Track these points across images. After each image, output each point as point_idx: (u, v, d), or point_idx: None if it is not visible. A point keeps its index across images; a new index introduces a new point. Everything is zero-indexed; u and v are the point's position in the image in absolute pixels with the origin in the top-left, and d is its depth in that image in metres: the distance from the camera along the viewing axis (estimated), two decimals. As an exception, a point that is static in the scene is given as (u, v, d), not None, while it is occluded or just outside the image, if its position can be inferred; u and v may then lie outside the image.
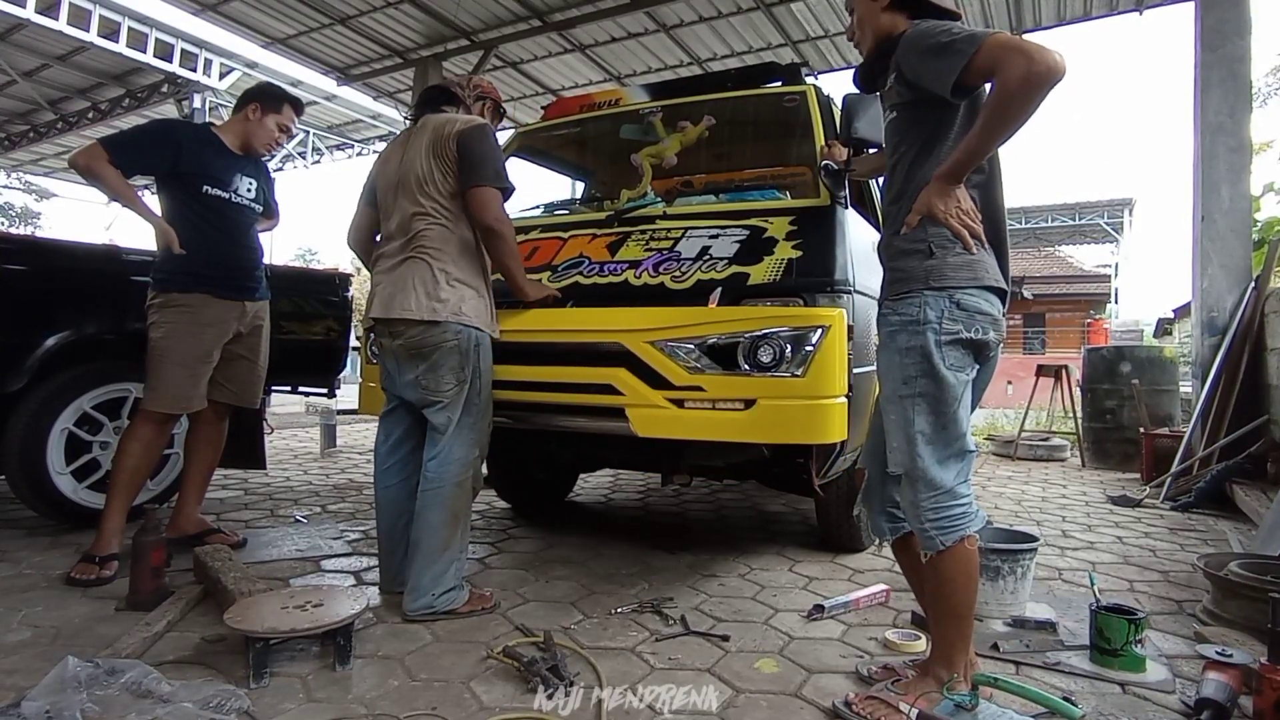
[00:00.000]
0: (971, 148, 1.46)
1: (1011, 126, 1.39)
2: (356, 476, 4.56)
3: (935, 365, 1.53)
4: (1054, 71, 1.31)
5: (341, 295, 3.82)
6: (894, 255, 1.63)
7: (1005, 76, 1.34)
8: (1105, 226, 22.88)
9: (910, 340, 1.56)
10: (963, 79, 1.41)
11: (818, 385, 2.03)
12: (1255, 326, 4.47)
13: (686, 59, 7.25)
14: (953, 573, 1.55)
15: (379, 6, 6.46)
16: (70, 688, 1.45)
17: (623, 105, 3.23)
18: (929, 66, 1.48)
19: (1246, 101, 4.76)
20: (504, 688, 1.67)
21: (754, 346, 2.07)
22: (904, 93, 1.59)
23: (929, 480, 1.54)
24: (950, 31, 1.46)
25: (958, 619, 1.57)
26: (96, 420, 2.91)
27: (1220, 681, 1.58)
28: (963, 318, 1.53)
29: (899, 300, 1.60)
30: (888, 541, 1.80)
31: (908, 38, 1.55)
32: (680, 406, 2.13)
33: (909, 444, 1.56)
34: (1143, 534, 3.47)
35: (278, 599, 1.87)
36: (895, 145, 1.67)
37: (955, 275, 1.54)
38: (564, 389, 2.30)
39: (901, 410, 1.57)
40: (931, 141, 1.59)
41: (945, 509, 1.54)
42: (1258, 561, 2.26)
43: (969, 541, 1.55)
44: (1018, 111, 1.36)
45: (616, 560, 2.76)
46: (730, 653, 1.91)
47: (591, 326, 2.28)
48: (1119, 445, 5.76)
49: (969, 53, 1.39)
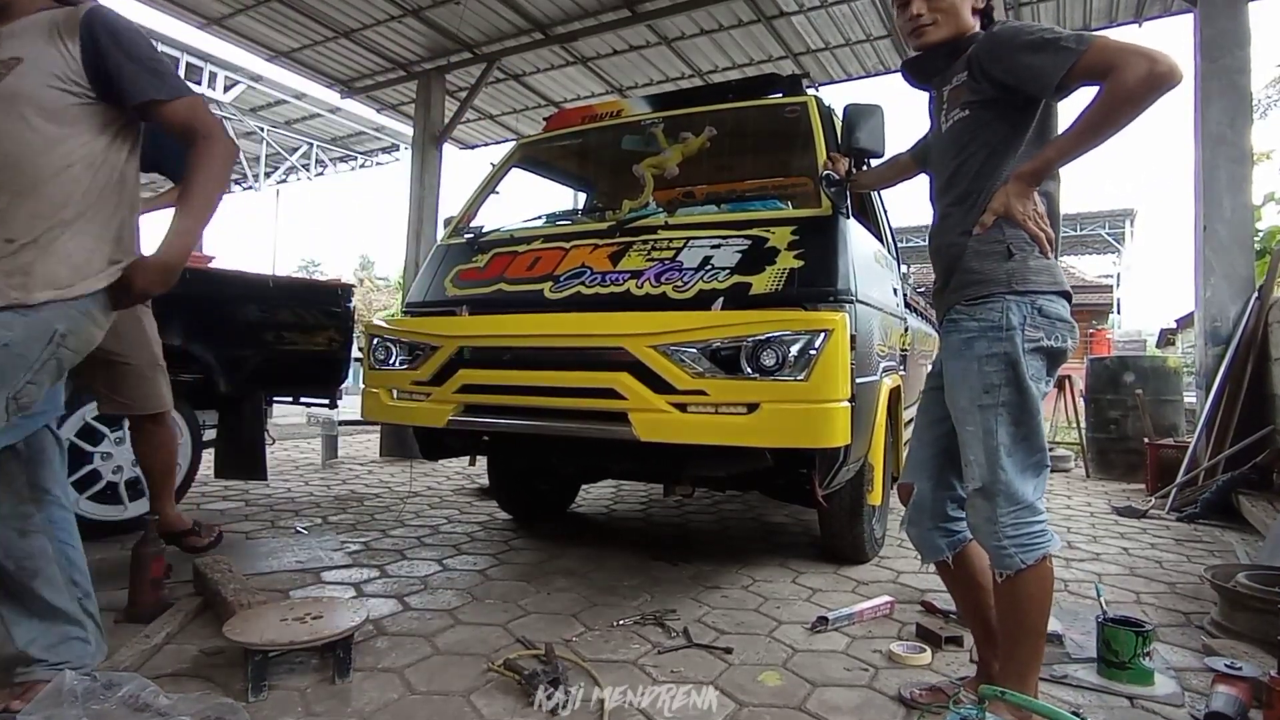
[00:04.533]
0: (1066, 147, 1.41)
1: (1117, 127, 1.35)
2: (358, 488, 4.54)
3: (1021, 374, 1.47)
4: (1174, 74, 1.29)
5: (344, 306, 3.83)
6: (968, 256, 1.54)
7: (1125, 76, 1.30)
8: (1107, 237, 22.94)
9: (992, 347, 1.49)
10: (1067, 78, 1.37)
11: (821, 389, 2.03)
12: (1259, 336, 4.46)
13: (688, 71, 7.29)
14: (1033, 591, 1.47)
15: (382, 20, 6.50)
16: (67, 701, 1.44)
17: (624, 117, 3.25)
18: (1028, 62, 1.42)
19: (1247, 112, 4.77)
20: (504, 701, 1.65)
21: (757, 350, 2.07)
22: (985, 90, 1.52)
23: (1011, 494, 1.47)
24: (1053, 30, 1.42)
25: (1035, 638, 1.51)
26: (97, 431, 2.90)
27: (1230, 695, 1.57)
28: (1044, 324, 1.49)
29: (976, 304, 1.52)
30: (946, 559, 1.68)
31: (999, 34, 1.50)
32: (683, 411, 2.12)
33: (990, 457, 1.48)
34: (1149, 545, 3.44)
35: (277, 611, 1.86)
36: (963, 145, 1.58)
37: (1037, 280, 1.49)
38: (566, 393, 2.30)
39: (982, 421, 1.49)
40: (1005, 145, 1.53)
41: (1026, 525, 1.47)
42: (1265, 573, 2.24)
43: (1049, 560, 1.49)
44: (1129, 112, 1.33)
45: (618, 572, 2.74)
46: (733, 665, 1.89)
47: (594, 331, 2.28)
48: (1123, 456, 5.74)
49: (1080, 50, 1.35)
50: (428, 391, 2.52)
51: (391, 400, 2.62)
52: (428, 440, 2.86)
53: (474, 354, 2.48)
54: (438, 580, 2.60)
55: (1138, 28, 6.05)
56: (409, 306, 2.91)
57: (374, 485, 4.66)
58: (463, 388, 2.45)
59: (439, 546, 3.09)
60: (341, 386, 3.94)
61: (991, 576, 1.54)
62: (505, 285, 2.68)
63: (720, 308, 2.24)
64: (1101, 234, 22.74)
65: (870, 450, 2.56)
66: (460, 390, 2.45)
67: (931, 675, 1.86)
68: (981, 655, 1.71)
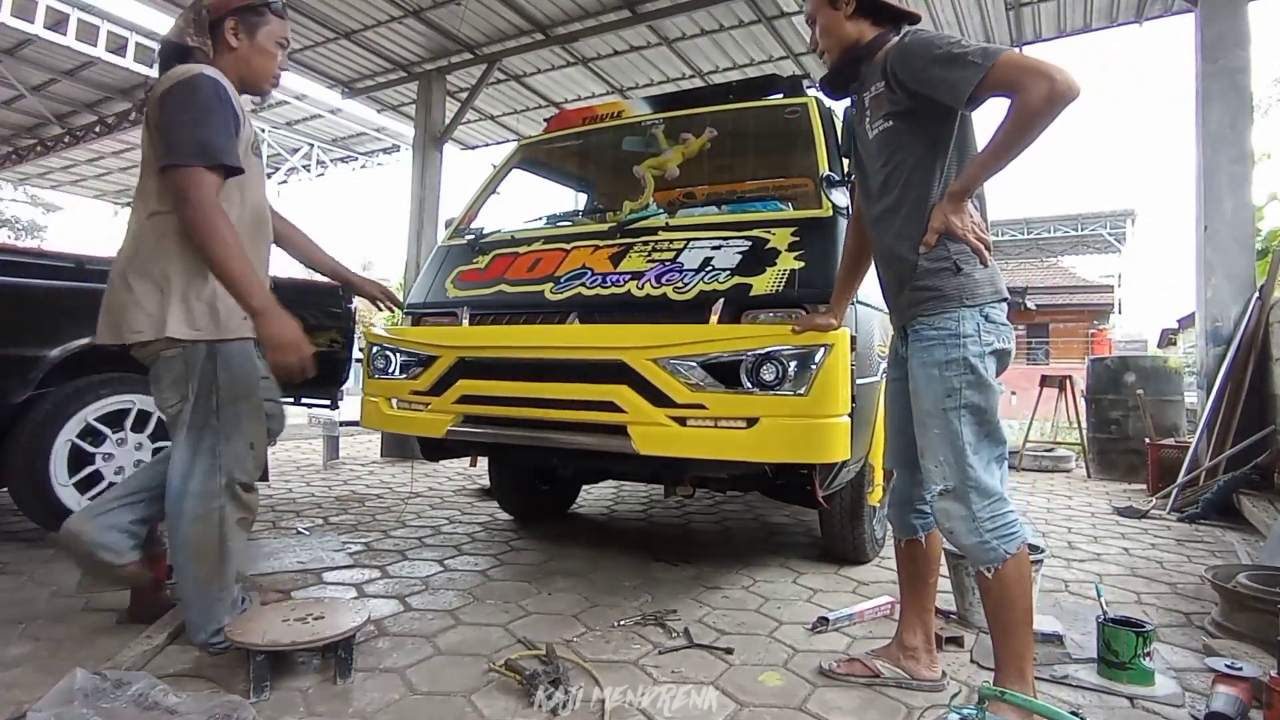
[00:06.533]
0: (988, 163, 1.50)
1: (1027, 143, 1.44)
2: (359, 488, 4.55)
3: (982, 375, 1.57)
4: (1073, 90, 1.37)
5: (344, 307, 3.83)
6: (919, 274, 1.63)
7: (1028, 96, 1.39)
8: (1108, 237, 22.91)
9: (950, 353, 1.58)
10: (977, 91, 1.45)
11: (821, 404, 2.02)
12: (1260, 336, 4.46)
13: (689, 71, 7.29)
14: (1017, 577, 1.54)
15: (383, 21, 6.51)
16: (77, 699, 1.45)
17: (625, 118, 3.25)
18: (939, 76, 1.51)
19: (1248, 112, 4.77)
20: (505, 701, 1.66)
21: (757, 365, 2.06)
22: (902, 101, 1.60)
23: (983, 489, 1.55)
24: (960, 44, 1.50)
25: (1027, 626, 1.57)
26: (100, 432, 2.91)
27: (1230, 695, 1.57)
28: (993, 330, 1.60)
29: (934, 316, 1.61)
30: (919, 539, 1.83)
31: (910, 45, 1.59)
32: (683, 424, 2.12)
33: (958, 456, 1.56)
34: (1149, 545, 3.44)
35: (279, 611, 1.86)
36: (890, 154, 1.67)
37: (983, 292, 1.59)
38: (565, 405, 2.29)
39: (945, 423, 1.57)
40: (930, 154, 1.62)
41: (1002, 515, 1.55)
42: (1266, 573, 2.24)
43: (1023, 547, 1.56)
44: (1037, 130, 1.41)
45: (619, 572, 2.74)
46: (734, 666, 1.90)
47: (593, 343, 2.28)
48: (1124, 456, 5.74)
49: (985, 66, 1.43)
50: (427, 401, 2.52)
51: (391, 409, 2.62)
52: (428, 441, 2.86)
53: (473, 364, 2.47)
54: (439, 581, 2.61)
55: (1138, 27, 6.05)
56: (410, 307, 2.92)
57: (375, 486, 4.67)
58: (462, 398, 2.44)
59: (440, 547, 3.10)
60: (342, 387, 3.94)
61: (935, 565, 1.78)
62: (506, 286, 2.68)
63: (719, 311, 2.24)
64: (1102, 234, 22.71)
65: (870, 451, 2.56)
66: (459, 400, 2.45)
67: (857, 648, 2.04)
68: (902, 624, 1.86)
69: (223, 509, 1.84)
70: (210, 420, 1.81)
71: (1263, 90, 12.69)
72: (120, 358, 2.89)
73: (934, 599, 1.87)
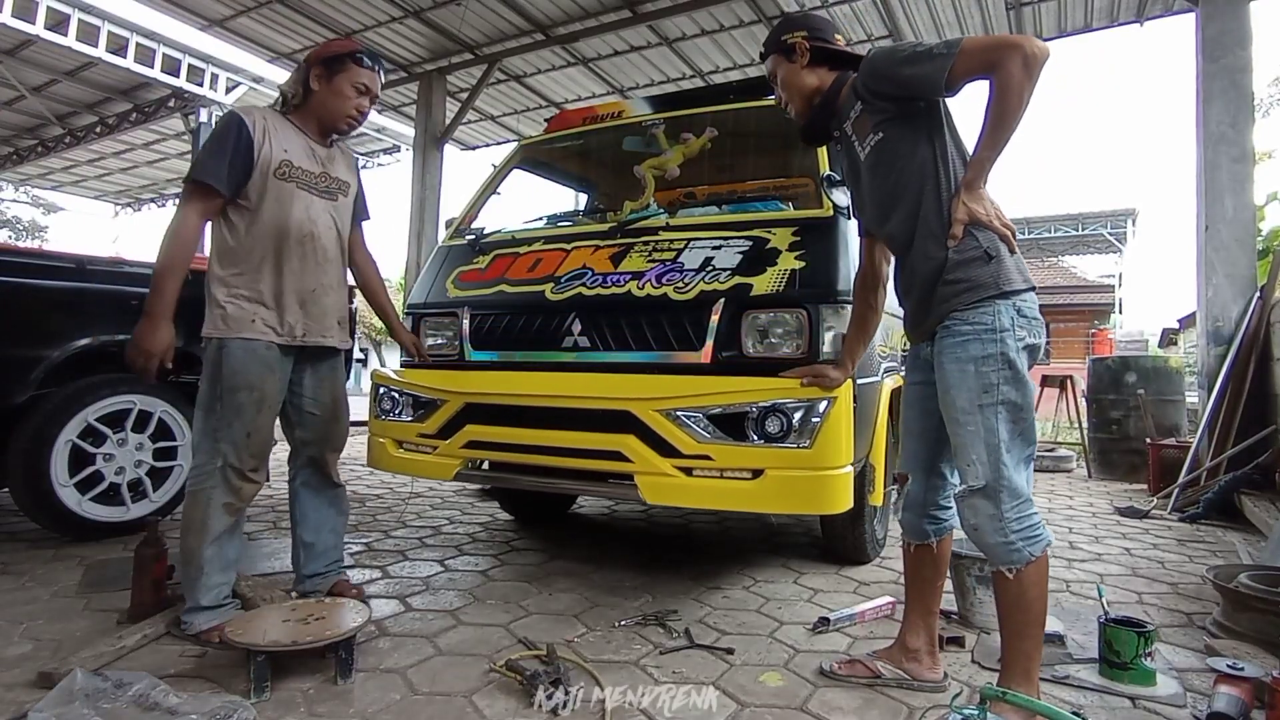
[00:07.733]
0: (989, 145, 1.53)
1: (1019, 115, 1.49)
2: (359, 489, 4.55)
3: (1019, 371, 1.54)
4: (1044, 52, 1.45)
5: (346, 308, 3.82)
6: (950, 268, 1.59)
7: (1006, 69, 1.45)
8: (1109, 237, 22.89)
9: (986, 348, 1.54)
10: (950, 78, 1.51)
11: (825, 456, 2.03)
12: (1261, 336, 4.46)
13: (689, 71, 7.30)
14: (1037, 580, 1.53)
15: (384, 22, 6.53)
16: (78, 700, 1.44)
17: (625, 118, 3.24)
18: (912, 73, 1.56)
19: (1249, 111, 4.77)
20: (506, 701, 1.66)
21: (762, 417, 2.07)
22: (885, 108, 1.65)
23: (1013, 489, 1.52)
24: (921, 43, 1.58)
25: (1039, 630, 1.56)
26: (100, 432, 2.91)
27: (1232, 695, 1.57)
28: (1025, 324, 1.57)
29: (970, 309, 1.57)
30: (930, 544, 1.81)
31: (875, 59, 1.65)
32: (689, 475, 2.13)
33: (992, 454, 1.52)
34: (1151, 545, 3.44)
35: (279, 612, 1.86)
36: (891, 160, 1.67)
37: (1014, 279, 1.57)
38: (572, 454, 2.29)
39: (982, 420, 1.54)
40: (928, 142, 1.63)
41: (1028, 518, 1.53)
42: (1268, 573, 2.24)
43: (1046, 551, 1.55)
44: (1024, 99, 1.47)
45: (620, 572, 2.74)
46: (735, 666, 1.90)
47: (601, 393, 2.28)
48: (1125, 456, 5.73)
49: (951, 54, 1.50)
50: (434, 445, 2.51)
51: (398, 451, 2.61)
52: None
53: (480, 410, 2.46)
54: (439, 581, 2.61)
55: (1139, 27, 6.05)
56: (410, 307, 2.91)
57: (375, 486, 4.67)
58: (469, 444, 2.44)
59: (441, 547, 3.10)
60: (343, 387, 3.94)
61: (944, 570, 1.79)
62: (507, 286, 2.68)
63: (720, 311, 2.24)
64: (1103, 233, 22.69)
65: (871, 451, 2.56)
66: (467, 445, 2.44)
67: (857, 648, 2.03)
68: (905, 626, 1.84)
69: (212, 490, 1.98)
70: (215, 405, 2.00)
71: (1263, 90, 12.69)
72: (120, 358, 2.91)
73: (939, 602, 1.86)
